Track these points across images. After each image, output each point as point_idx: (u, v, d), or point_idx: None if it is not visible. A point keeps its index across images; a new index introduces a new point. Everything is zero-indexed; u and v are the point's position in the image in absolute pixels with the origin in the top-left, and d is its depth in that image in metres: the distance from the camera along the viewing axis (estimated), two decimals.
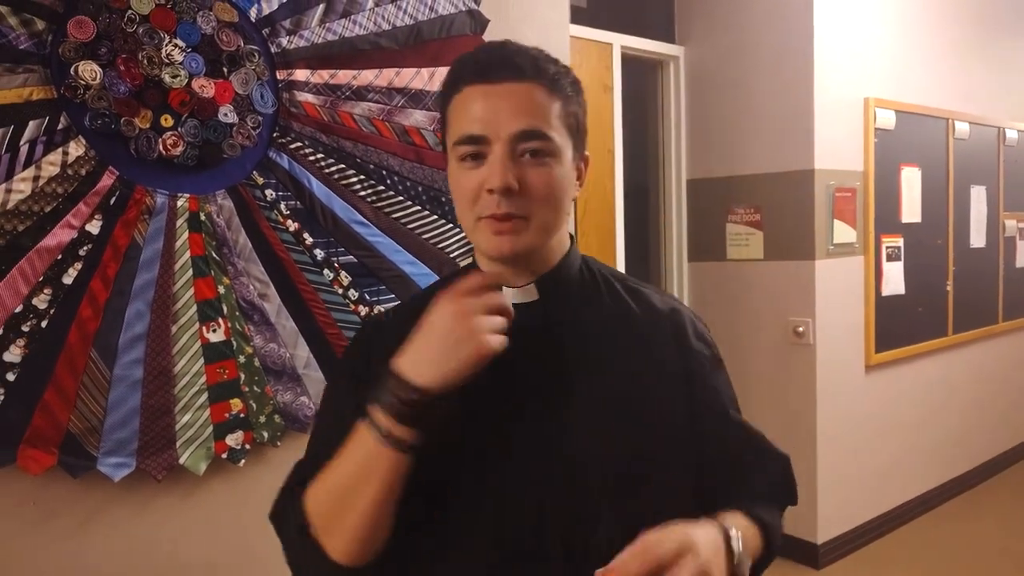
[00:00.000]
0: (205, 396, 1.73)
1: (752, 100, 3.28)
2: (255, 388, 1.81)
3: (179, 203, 1.67)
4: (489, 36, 2.19)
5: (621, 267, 3.22)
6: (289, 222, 1.85)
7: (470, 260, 1.01)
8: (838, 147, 3.24)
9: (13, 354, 1.47)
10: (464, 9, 2.14)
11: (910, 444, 3.74)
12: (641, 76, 3.47)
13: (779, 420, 3.19)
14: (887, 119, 3.47)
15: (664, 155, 3.52)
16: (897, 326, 3.60)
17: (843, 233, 3.29)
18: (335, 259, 1.93)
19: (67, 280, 1.53)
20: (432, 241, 2.11)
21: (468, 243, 2.18)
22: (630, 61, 3.28)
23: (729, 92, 3.35)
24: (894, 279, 3.59)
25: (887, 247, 3.54)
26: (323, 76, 1.88)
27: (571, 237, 1.00)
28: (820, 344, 3.15)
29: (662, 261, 3.55)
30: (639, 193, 3.51)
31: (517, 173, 0.85)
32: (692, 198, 3.52)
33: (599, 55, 3.12)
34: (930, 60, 3.79)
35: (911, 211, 3.68)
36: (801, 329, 3.16)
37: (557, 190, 0.88)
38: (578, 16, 2.99)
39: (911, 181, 3.68)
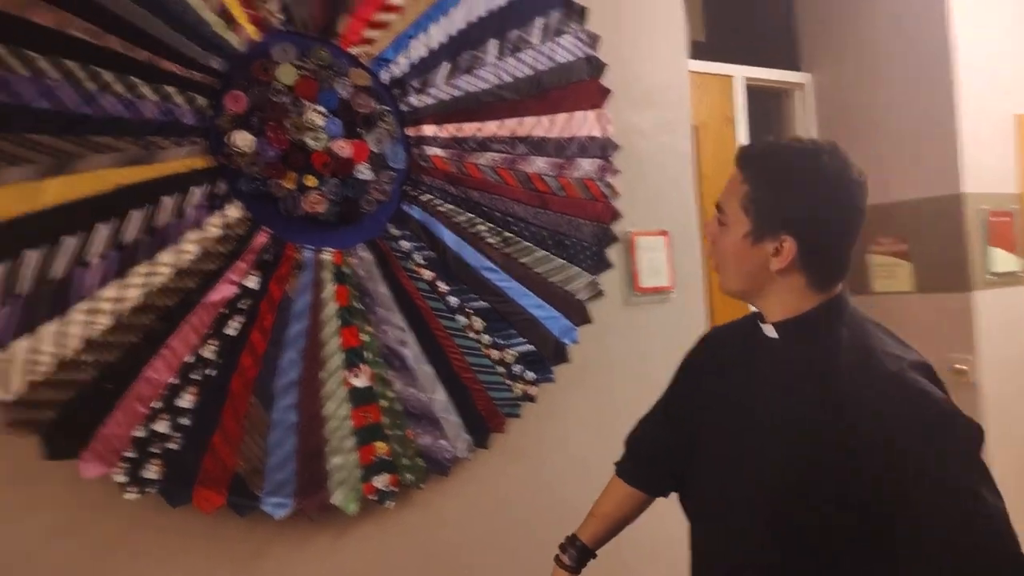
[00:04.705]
0: (353, 439, 1.80)
1: (888, 124, 3.13)
2: (397, 431, 1.87)
3: (324, 257, 1.79)
4: (606, 78, 2.23)
5: None
6: (424, 271, 1.93)
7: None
8: (989, 169, 3.02)
9: (187, 401, 1.61)
10: (582, 56, 2.19)
11: None
12: (768, 106, 3.41)
13: None
14: None
15: None
16: None
17: (1003, 261, 3.03)
18: (468, 305, 1.99)
19: (230, 332, 1.66)
20: (559, 283, 2.14)
21: (593, 284, 2.19)
22: (756, 91, 3.23)
23: (863, 117, 3.21)
24: None
25: None
26: (449, 130, 1.97)
27: (828, 301, 1.16)
28: (985, 383, 2.88)
29: None
30: None
31: (712, 231, 1.19)
32: None
33: (720, 88, 3.10)
34: None
35: None
36: (962, 367, 2.92)
37: (724, 251, 1.17)
38: (698, 51, 2.99)
39: None
